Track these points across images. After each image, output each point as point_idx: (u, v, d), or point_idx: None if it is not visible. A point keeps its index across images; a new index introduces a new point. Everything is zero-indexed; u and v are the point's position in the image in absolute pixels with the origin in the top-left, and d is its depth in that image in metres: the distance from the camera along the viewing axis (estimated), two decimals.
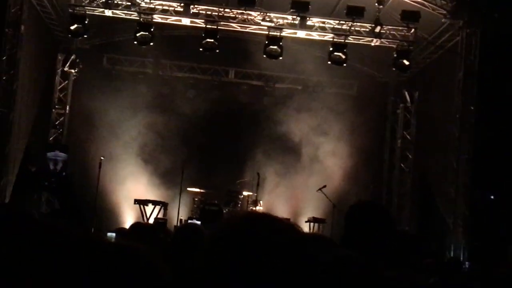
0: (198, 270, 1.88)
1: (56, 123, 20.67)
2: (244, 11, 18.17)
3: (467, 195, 16.85)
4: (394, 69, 18.87)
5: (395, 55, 18.28)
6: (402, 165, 21.17)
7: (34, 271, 1.73)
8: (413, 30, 18.10)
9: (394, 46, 18.33)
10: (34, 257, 1.75)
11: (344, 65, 18.48)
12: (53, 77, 20.55)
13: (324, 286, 2.84)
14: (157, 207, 17.35)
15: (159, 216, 17.14)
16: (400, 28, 18.17)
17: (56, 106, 20.76)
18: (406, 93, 21.05)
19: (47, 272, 1.68)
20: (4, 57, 16.76)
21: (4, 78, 16.76)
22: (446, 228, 17.17)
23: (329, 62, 18.47)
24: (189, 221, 17.02)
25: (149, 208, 17.36)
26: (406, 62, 18.28)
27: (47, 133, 20.47)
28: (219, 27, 18.27)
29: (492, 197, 16.13)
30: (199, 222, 15.77)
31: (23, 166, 17.94)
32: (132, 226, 6.06)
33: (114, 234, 10.63)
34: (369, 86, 21.35)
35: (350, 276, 3.02)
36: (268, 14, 18.24)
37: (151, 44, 18.32)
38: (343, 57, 18.24)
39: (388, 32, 18.28)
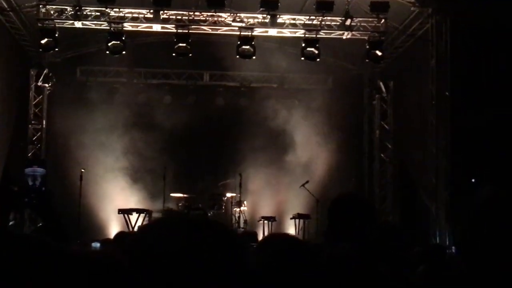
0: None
1: (34, 138, 20.51)
2: (214, 13, 18.15)
3: (448, 181, 16.94)
4: (367, 60, 18.94)
5: (367, 47, 18.35)
6: (382, 155, 21.25)
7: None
8: (383, 20, 18.18)
9: (366, 37, 18.40)
10: (15, 273, 1.75)
11: (318, 60, 18.51)
12: (27, 93, 20.41)
13: (321, 282, 2.86)
14: (142, 216, 17.28)
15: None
16: (371, 19, 18.24)
17: (32, 122, 20.57)
18: (381, 83, 21.10)
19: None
20: None
21: None
22: (430, 215, 17.26)
23: (302, 58, 18.51)
24: None
25: (133, 217, 17.31)
26: (379, 53, 18.36)
27: (25, 149, 20.32)
28: (190, 31, 18.25)
29: (473, 180, 16.22)
30: None
31: (4, 185, 17.77)
32: (116, 235, 6.10)
33: (98, 244, 10.60)
34: (344, 79, 21.41)
35: (348, 270, 3.05)
36: (238, 14, 18.23)
37: (124, 52, 18.24)
38: (316, 52, 18.29)
39: (358, 24, 18.35)
